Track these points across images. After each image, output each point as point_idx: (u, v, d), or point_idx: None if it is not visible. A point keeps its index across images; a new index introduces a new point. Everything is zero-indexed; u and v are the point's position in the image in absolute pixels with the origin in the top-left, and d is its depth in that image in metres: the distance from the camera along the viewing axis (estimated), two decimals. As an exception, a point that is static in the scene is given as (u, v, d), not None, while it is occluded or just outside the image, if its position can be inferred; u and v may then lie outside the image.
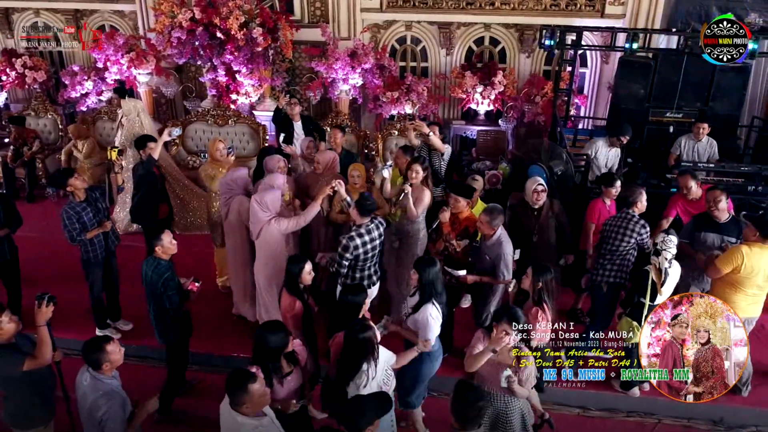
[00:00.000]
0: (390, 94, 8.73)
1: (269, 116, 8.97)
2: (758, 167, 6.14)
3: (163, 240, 4.39)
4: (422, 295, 4.08)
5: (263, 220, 4.80)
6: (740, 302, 4.51)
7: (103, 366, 3.26)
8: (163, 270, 4.36)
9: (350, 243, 4.52)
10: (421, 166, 5.34)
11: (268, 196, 4.83)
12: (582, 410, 5.00)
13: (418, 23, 9.23)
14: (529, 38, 9.03)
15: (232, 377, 3.12)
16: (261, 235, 4.86)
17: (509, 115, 9.03)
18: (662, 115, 7.69)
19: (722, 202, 4.81)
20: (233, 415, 3.05)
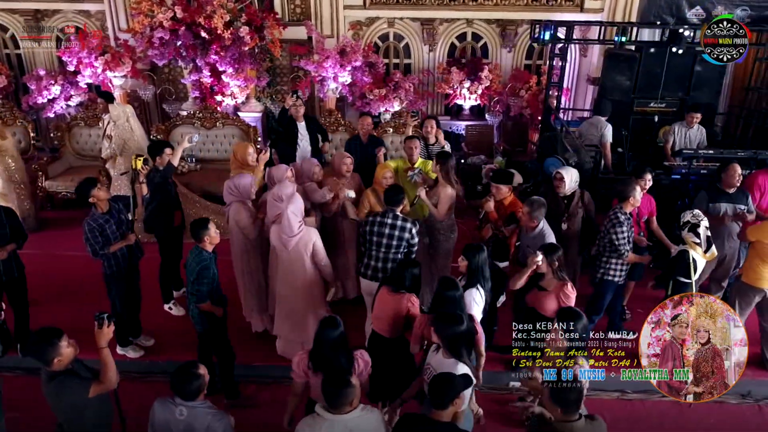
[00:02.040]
0: (377, 92, 8.70)
1: (255, 118, 8.80)
2: (753, 152, 6.49)
3: (209, 229, 4.32)
4: (470, 279, 4.16)
5: (296, 232, 4.67)
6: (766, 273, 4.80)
7: (200, 395, 3.15)
8: (204, 259, 4.29)
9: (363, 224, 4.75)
10: (437, 161, 5.36)
11: (299, 204, 4.73)
12: (620, 393, 5.14)
13: (400, 20, 9.22)
14: (511, 33, 9.19)
15: (330, 385, 3.06)
16: (295, 247, 4.71)
17: (495, 109, 9.17)
18: (646, 105, 8.00)
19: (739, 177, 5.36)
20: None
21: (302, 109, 6.62)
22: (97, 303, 5.78)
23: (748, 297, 5.01)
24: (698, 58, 7.77)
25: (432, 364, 3.57)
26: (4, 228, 4.89)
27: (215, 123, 8.21)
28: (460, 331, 3.43)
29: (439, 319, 3.49)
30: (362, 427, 3.08)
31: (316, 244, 4.72)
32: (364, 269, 4.84)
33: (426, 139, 6.29)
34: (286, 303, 4.97)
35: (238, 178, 5.17)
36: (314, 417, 3.11)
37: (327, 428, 3.04)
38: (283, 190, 4.94)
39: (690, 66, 7.83)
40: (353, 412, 3.07)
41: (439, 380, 3.11)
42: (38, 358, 3.25)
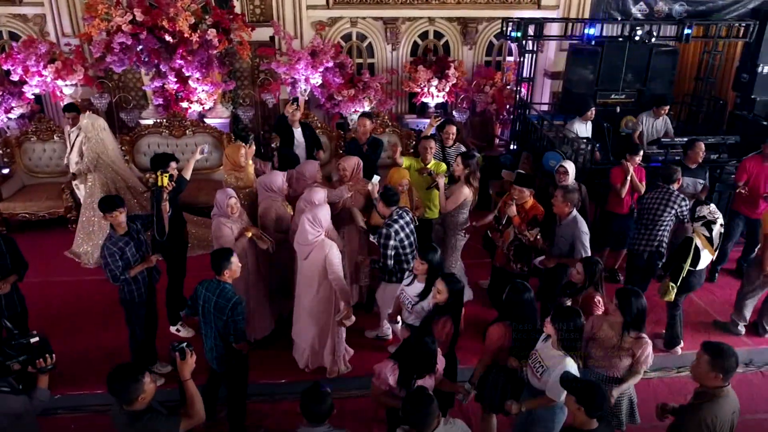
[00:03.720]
0: (347, 92, 8.59)
1: (222, 123, 8.45)
2: (721, 138, 7.01)
3: (232, 263, 4.04)
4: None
5: (310, 241, 4.53)
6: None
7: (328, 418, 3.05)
8: (231, 294, 4.01)
9: (390, 230, 4.70)
10: (462, 160, 5.43)
11: (321, 213, 4.60)
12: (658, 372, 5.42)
13: (363, 19, 9.15)
14: (472, 31, 9.36)
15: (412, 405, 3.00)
16: (310, 256, 4.59)
17: (462, 106, 9.32)
18: (608, 97, 8.45)
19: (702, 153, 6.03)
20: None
21: (298, 115, 6.44)
22: (89, 332, 5.47)
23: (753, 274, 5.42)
24: (653, 51, 8.30)
25: (539, 352, 3.66)
26: (4, 258, 4.43)
27: (184, 131, 7.80)
28: (577, 326, 3.50)
29: (559, 313, 3.55)
30: None
31: (330, 258, 4.53)
32: (399, 275, 4.81)
33: (444, 141, 6.30)
34: (300, 310, 4.86)
35: (219, 193, 4.90)
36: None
37: None
38: (313, 195, 4.82)
39: (647, 59, 8.34)
40: (439, 428, 3.01)
41: (597, 390, 3.04)
42: (122, 397, 2.98)
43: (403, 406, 3.01)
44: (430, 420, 2.94)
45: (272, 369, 5.02)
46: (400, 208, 4.86)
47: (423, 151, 5.87)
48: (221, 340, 4.10)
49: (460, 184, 5.35)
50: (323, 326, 4.82)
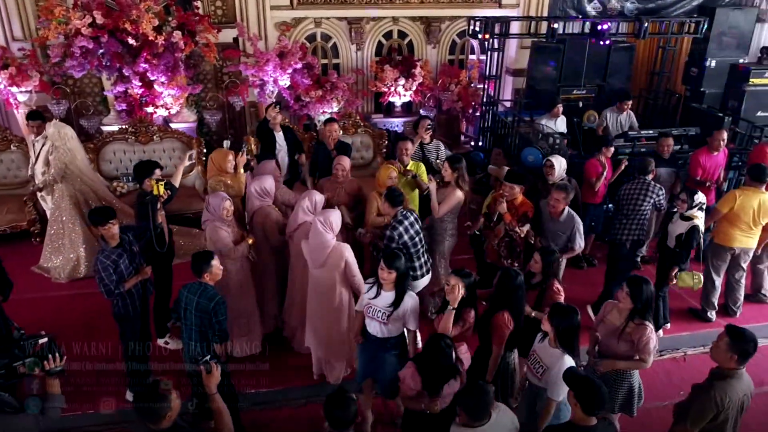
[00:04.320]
0: (314, 93, 8.53)
1: (188, 128, 8.24)
2: (683, 130, 7.35)
3: (212, 265, 4.00)
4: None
5: (331, 246, 4.51)
6: (736, 234, 5.60)
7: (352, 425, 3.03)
8: (213, 293, 3.96)
9: (394, 232, 4.70)
10: (450, 165, 5.46)
11: (333, 216, 4.57)
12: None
13: (327, 20, 9.10)
14: (435, 30, 9.46)
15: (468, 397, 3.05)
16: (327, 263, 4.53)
17: (428, 104, 9.41)
18: (571, 92, 8.73)
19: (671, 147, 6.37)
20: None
21: (279, 118, 6.35)
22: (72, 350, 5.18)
23: (721, 255, 5.73)
24: (612, 48, 8.63)
25: (537, 351, 3.74)
26: (-14, 278, 4.20)
27: (151, 137, 7.55)
28: (574, 324, 3.58)
29: (556, 311, 3.62)
30: (501, 429, 3.09)
31: (349, 261, 4.55)
32: (418, 270, 4.86)
33: (422, 139, 6.32)
34: (314, 318, 4.79)
35: (212, 198, 4.84)
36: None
37: None
38: (315, 197, 4.79)
39: (606, 55, 8.66)
40: (491, 419, 3.07)
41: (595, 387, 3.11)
42: (150, 416, 2.88)
43: (458, 397, 3.08)
44: (486, 410, 3.00)
45: (269, 376, 4.93)
46: (404, 209, 4.86)
47: (399, 153, 5.88)
48: (201, 342, 4.01)
49: (453, 187, 5.36)
50: (340, 333, 4.77)
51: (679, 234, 5.20)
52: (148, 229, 4.53)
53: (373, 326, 4.08)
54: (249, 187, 5.05)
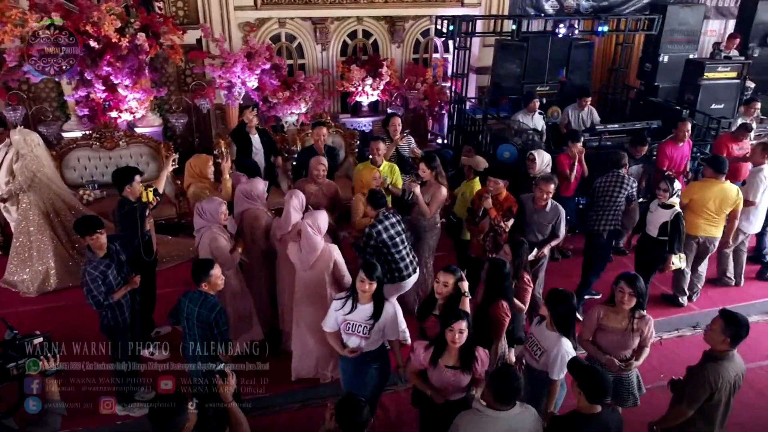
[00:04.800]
0: (281, 94, 8.45)
1: (154, 132, 8.04)
2: (646, 123, 7.65)
3: (211, 275, 3.90)
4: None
5: (320, 248, 4.49)
6: (700, 223, 5.85)
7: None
8: (214, 304, 3.91)
9: (372, 230, 4.73)
10: (427, 165, 5.54)
11: (321, 218, 4.56)
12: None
13: (292, 20, 9.02)
14: (400, 29, 9.51)
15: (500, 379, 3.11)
16: (316, 265, 4.52)
17: (395, 103, 9.46)
18: (534, 89, 8.90)
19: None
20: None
21: (255, 120, 6.27)
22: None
23: (688, 245, 5.97)
24: (572, 45, 8.89)
25: (535, 335, 3.87)
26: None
27: (117, 143, 7.31)
28: (570, 308, 3.70)
29: (552, 295, 3.75)
30: (521, 424, 3.13)
31: (338, 262, 4.56)
32: (405, 270, 4.87)
33: (392, 136, 6.36)
34: (306, 320, 4.75)
35: (207, 203, 4.74)
36: (476, 413, 3.14)
37: (491, 425, 3.07)
38: (301, 196, 4.77)
39: (567, 53, 8.91)
40: (515, 408, 3.12)
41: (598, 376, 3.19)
42: (167, 428, 2.82)
43: (490, 380, 3.14)
44: (512, 397, 3.05)
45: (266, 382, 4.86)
46: (386, 210, 4.89)
47: (372, 153, 5.90)
48: (202, 342, 3.91)
49: (436, 185, 5.45)
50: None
51: (663, 223, 5.41)
52: (135, 237, 4.40)
53: (353, 342, 3.95)
54: (237, 190, 4.98)
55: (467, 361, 3.52)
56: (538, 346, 3.83)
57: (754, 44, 9.98)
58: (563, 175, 6.45)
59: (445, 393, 3.57)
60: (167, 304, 5.50)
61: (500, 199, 5.27)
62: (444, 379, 3.53)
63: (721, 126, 7.50)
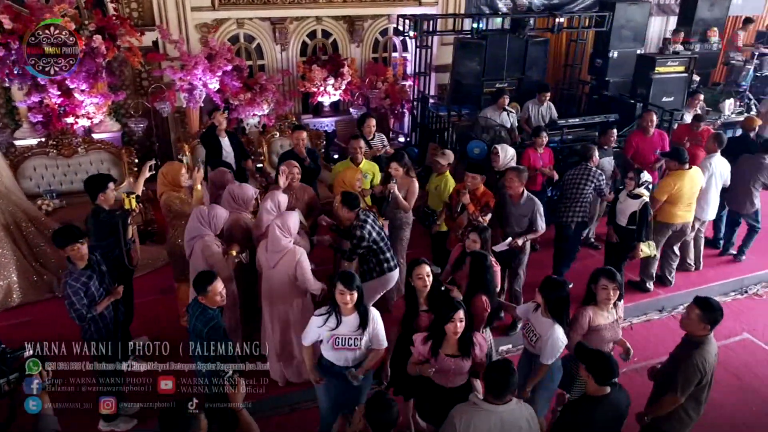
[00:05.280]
0: (243, 96, 8.33)
1: (112, 138, 7.79)
2: (604, 116, 7.91)
3: (208, 290, 3.76)
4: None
5: (285, 248, 4.45)
6: (678, 212, 6.10)
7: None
8: (210, 317, 3.78)
9: (363, 231, 4.76)
10: (399, 163, 5.63)
11: (291, 220, 4.53)
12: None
13: (250, 20, 8.89)
14: (359, 29, 9.51)
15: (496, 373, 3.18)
16: (279, 264, 4.48)
17: (357, 103, 9.46)
18: (493, 86, 9.09)
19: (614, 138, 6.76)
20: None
21: (225, 123, 6.16)
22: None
23: (663, 232, 6.23)
24: (529, 42, 9.11)
25: (531, 321, 4.02)
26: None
27: (75, 150, 7.05)
28: (563, 295, 3.84)
29: (546, 283, 3.90)
30: (515, 420, 3.18)
31: (301, 264, 4.46)
32: (392, 260, 5.01)
33: (366, 135, 6.39)
34: (272, 318, 4.69)
35: (213, 209, 4.65)
36: (472, 406, 3.19)
37: (483, 418, 3.12)
38: (279, 197, 4.74)
39: (524, 50, 9.12)
40: (510, 403, 3.18)
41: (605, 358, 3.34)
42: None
43: (486, 373, 3.20)
44: (507, 391, 3.11)
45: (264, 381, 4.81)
46: (361, 209, 4.92)
47: (353, 152, 5.93)
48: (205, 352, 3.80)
49: (409, 179, 5.55)
50: (298, 333, 4.69)
51: (633, 212, 5.62)
52: (116, 246, 4.26)
53: (344, 357, 3.83)
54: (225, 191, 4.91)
55: (466, 347, 3.61)
56: (533, 332, 3.97)
57: (694, 40, 10.47)
58: (531, 169, 6.61)
59: (447, 379, 3.64)
60: (141, 314, 5.41)
61: (478, 194, 5.37)
62: (446, 367, 3.60)
63: (674, 118, 7.85)
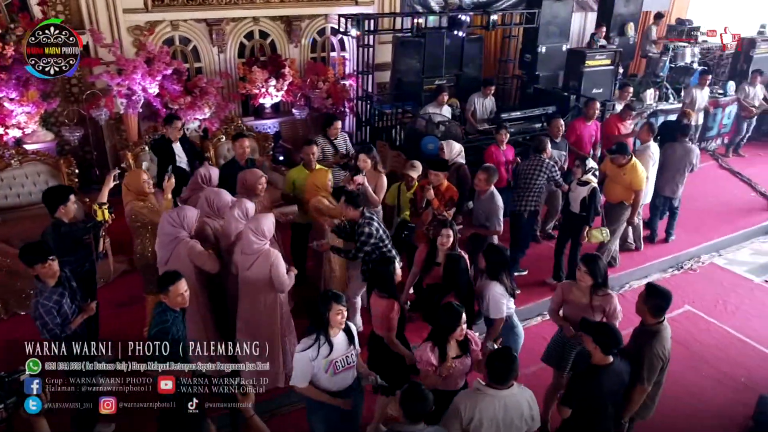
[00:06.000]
0: (183, 100, 8.10)
1: (46, 148, 7.37)
2: (542, 109, 8.28)
3: (169, 290, 3.67)
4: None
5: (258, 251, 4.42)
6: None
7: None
8: (159, 320, 3.64)
9: (371, 228, 4.84)
10: (367, 155, 5.69)
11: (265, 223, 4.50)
12: (541, 317, 6.29)
13: (185, 22, 8.64)
14: (297, 29, 9.45)
15: (499, 361, 3.33)
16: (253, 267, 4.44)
17: (299, 103, 9.40)
18: (433, 82, 9.32)
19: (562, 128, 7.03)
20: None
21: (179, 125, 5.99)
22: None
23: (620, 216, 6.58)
24: (465, 39, 9.39)
25: (479, 287, 4.41)
26: None
27: (8, 162, 6.59)
28: (502, 259, 4.34)
29: (488, 248, 4.43)
30: (517, 403, 3.34)
31: (275, 265, 4.43)
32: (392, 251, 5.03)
33: (330, 137, 6.44)
34: (248, 329, 4.64)
35: (182, 209, 4.53)
36: (475, 391, 3.33)
37: (488, 402, 3.26)
38: (246, 205, 4.69)
39: (461, 47, 9.40)
40: (513, 388, 3.33)
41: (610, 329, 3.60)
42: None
43: (489, 361, 3.32)
44: (509, 377, 3.25)
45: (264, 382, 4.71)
46: (365, 207, 4.97)
47: (307, 157, 5.87)
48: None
49: (377, 173, 5.62)
50: (274, 334, 4.69)
51: (583, 198, 5.93)
52: (85, 260, 4.07)
53: (343, 378, 3.71)
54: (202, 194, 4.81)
55: (465, 345, 3.74)
56: (482, 296, 4.31)
57: (614, 34, 11.13)
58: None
59: (455, 382, 3.76)
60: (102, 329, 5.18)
61: (441, 190, 5.51)
62: (454, 370, 3.69)
63: (606, 108, 8.33)
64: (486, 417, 3.20)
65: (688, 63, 10.41)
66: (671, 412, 4.82)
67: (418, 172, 5.96)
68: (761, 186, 9.41)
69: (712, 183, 9.52)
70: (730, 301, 6.70)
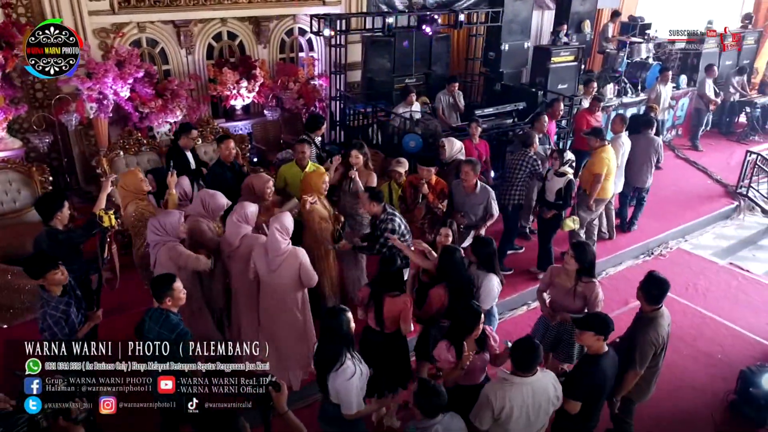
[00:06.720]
0: (155, 103, 7.95)
1: (14, 155, 7.13)
2: (514, 105, 8.49)
3: (174, 289, 3.73)
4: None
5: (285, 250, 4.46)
6: (608, 186, 6.73)
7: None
8: (176, 323, 3.72)
9: (394, 224, 4.94)
10: (359, 151, 5.76)
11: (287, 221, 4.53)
12: (527, 306, 6.50)
13: (152, 23, 8.47)
14: (265, 30, 9.39)
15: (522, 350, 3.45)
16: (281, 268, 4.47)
17: (270, 105, 9.35)
18: (403, 81, 9.45)
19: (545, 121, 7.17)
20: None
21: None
22: None
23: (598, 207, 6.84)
24: (433, 39, 9.54)
25: (471, 272, 4.45)
26: None
27: (-23, 171, 6.37)
28: (491, 250, 4.43)
29: (475, 241, 4.58)
30: (543, 387, 3.49)
31: (304, 263, 4.53)
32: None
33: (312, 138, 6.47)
34: (270, 328, 4.69)
35: (164, 216, 4.52)
36: (502, 381, 3.46)
37: (516, 390, 3.39)
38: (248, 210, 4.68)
39: (429, 46, 9.55)
40: (537, 374, 3.46)
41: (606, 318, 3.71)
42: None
43: (512, 351, 3.43)
44: (533, 364, 3.37)
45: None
46: (386, 203, 5.05)
47: (298, 157, 5.91)
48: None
49: (368, 171, 5.69)
50: (298, 337, 4.72)
51: (559, 189, 6.15)
52: (90, 267, 3.98)
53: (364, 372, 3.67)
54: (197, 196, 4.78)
55: (482, 342, 3.83)
56: (475, 285, 4.40)
57: (571, 31, 11.50)
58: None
59: (474, 377, 3.84)
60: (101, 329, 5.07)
61: (433, 184, 5.63)
62: (473, 366, 3.77)
63: (574, 103, 8.62)
64: (516, 405, 3.32)
65: (644, 58, 10.88)
66: (656, 392, 5.06)
67: (405, 167, 6.08)
68: (717, 174, 9.93)
69: (671, 172, 9.99)
70: (699, 283, 7.07)
